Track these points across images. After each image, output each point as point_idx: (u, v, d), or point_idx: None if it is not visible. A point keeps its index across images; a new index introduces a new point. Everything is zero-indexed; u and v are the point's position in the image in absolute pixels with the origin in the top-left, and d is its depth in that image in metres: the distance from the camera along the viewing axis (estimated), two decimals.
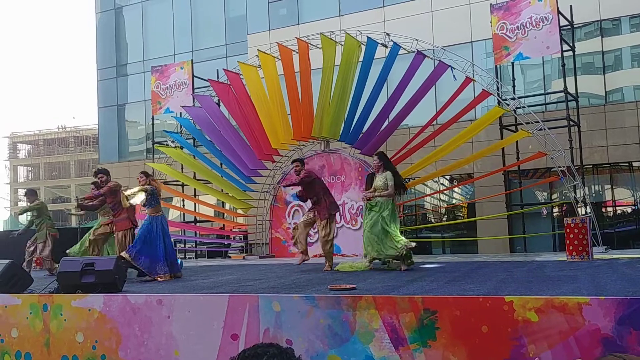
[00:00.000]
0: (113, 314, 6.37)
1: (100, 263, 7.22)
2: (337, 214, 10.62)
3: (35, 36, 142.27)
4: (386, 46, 15.27)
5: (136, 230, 9.82)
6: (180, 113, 18.55)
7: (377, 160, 9.41)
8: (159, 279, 8.92)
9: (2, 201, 61.45)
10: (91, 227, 11.27)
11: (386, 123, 15.49)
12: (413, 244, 9.01)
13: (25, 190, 12.31)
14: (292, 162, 10.30)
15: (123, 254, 8.96)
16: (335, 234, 15.47)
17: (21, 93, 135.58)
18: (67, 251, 10.69)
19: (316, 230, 10.75)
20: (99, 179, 10.15)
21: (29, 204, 11.79)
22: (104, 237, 10.68)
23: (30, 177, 60.86)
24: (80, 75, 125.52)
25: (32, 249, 11.42)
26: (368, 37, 14.87)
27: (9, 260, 7.83)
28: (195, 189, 19.18)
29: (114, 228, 10.09)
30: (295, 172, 10.14)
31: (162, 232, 9.28)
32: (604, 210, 17.65)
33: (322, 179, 15.64)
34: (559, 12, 14.43)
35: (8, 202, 59.12)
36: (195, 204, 20.18)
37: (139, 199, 9.37)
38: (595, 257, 10.28)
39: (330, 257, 9.83)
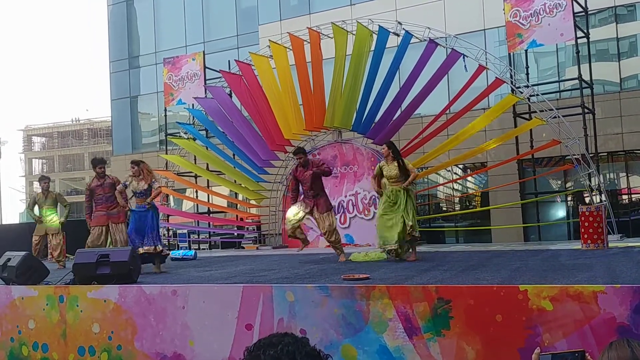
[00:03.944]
0: (128, 304, 6.41)
1: (115, 254, 7.27)
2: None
3: (48, 29, 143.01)
4: (398, 35, 15.19)
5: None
6: (193, 104, 18.59)
7: (387, 148, 9.20)
8: None
9: (17, 194, 62.00)
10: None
11: (398, 112, 15.44)
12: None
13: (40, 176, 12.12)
14: (295, 154, 9.89)
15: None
16: (347, 223, 15.59)
17: (35, 86, 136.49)
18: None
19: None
20: (99, 169, 10.08)
21: (42, 189, 11.61)
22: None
23: (45, 170, 61.32)
24: (93, 67, 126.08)
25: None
26: (380, 26, 14.79)
27: (25, 252, 7.91)
28: (208, 180, 19.24)
29: (113, 220, 9.83)
30: (300, 165, 9.66)
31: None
32: (619, 198, 17.51)
33: (335, 168, 15.74)
34: None
35: (23, 195, 59.66)
36: (208, 195, 20.26)
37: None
38: (610, 245, 10.22)
39: (340, 247, 9.68)
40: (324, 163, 9.98)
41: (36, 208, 11.52)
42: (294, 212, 9.61)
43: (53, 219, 11.32)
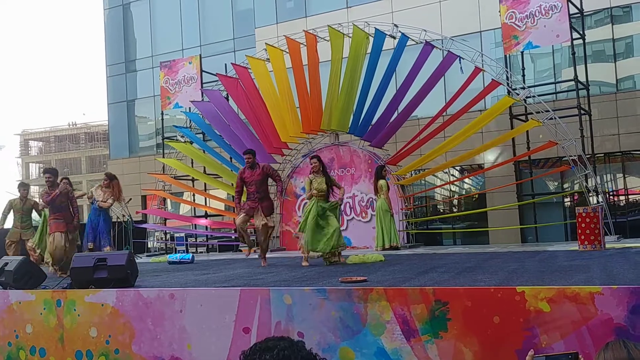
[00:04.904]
0: (126, 308, 6.41)
1: (113, 258, 7.26)
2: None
3: (44, 34, 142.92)
4: (394, 37, 15.21)
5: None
6: (190, 108, 18.59)
7: (318, 163, 9.65)
8: None
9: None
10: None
11: (395, 115, 15.46)
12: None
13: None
14: (244, 154, 9.98)
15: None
16: (345, 226, 15.58)
17: (32, 91, 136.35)
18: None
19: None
20: (47, 178, 10.22)
21: (21, 196, 11.64)
22: None
23: (42, 174, 61.24)
24: (89, 72, 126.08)
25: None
26: (376, 29, 14.82)
27: (22, 257, 7.90)
28: (205, 184, 19.23)
29: (66, 227, 10.10)
30: (248, 166, 9.74)
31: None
32: (616, 198, 17.53)
33: (332, 171, 15.74)
34: (568, 0, 14.31)
35: None
36: (205, 198, 20.24)
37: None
38: (607, 246, 10.23)
39: (265, 252, 10.03)
40: (274, 170, 10.30)
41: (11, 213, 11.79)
42: (241, 219, 9.83)
43: (28, 225, 11.57)
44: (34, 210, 11.78)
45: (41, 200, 10.46)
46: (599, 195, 14.09)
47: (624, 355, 2.29)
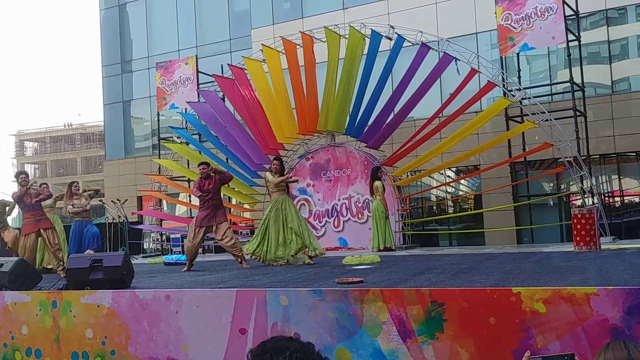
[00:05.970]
0: (122, 309, 6.39)
1: (109, 259, 7.25)
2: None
3: (40, 34, 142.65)
4: (390, 39, 15.24)
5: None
6: (186, 109, 18.58)
7: (279, 164, 10.40)
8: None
9: (9, 199, 61.67)
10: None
11: (391, 116, 15.48)
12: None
13: None
14: (199, 165, 10.36)
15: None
16: (341, 227, 15.60)
17: (27, 91, 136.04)
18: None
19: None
20: (21, 179, 10.21)
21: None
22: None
23: (37, 175, 61.15)
24: (85, 72, 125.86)
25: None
26: (372, 30, 14.84)
27: (17, 258, 7.88)
28: None
29: (42, 225, 10.10)
30: (203, 175, 10.05)
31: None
32: (611, 200, 17.58)
33: (329, 172, 15.77)
34: (564, 2, 14.36)
35: None
36: None
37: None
38: (603, 247, 10.25)
39: (241, 254, 10.01)
40: (228, 174, 10.62)
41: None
42: (192, 236, 9.91)
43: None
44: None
45: (12, 197, 10.54)
46: (594, 197, 14.13)
47: (624, 355, 2.29)
